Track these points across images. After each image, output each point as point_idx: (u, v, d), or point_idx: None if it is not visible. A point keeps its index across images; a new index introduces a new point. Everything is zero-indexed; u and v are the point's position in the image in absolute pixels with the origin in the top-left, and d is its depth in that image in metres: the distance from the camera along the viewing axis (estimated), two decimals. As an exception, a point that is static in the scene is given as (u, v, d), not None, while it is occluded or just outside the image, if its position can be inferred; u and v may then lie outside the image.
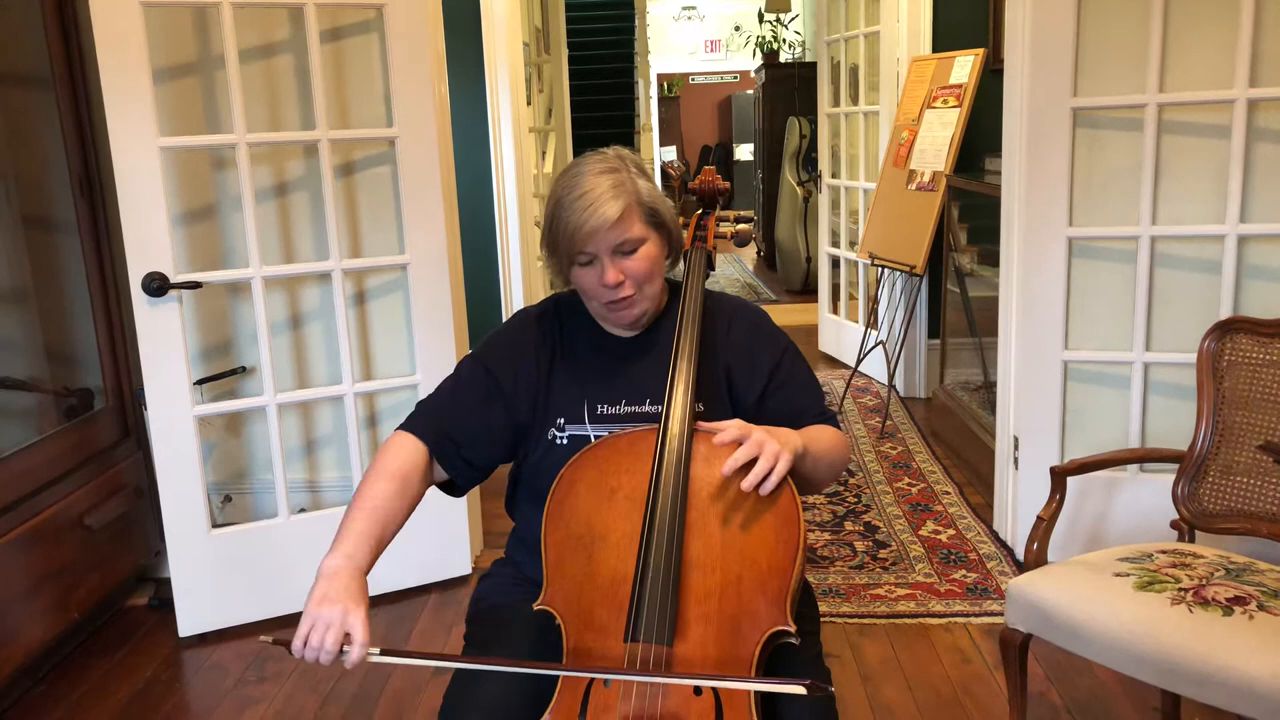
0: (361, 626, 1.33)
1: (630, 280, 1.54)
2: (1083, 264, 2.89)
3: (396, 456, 1.55)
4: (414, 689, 2.54)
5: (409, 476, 1.54)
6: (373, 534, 1.46)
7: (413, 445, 1.57)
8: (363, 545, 1.44)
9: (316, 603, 1.35)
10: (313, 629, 1.33)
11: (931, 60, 4.63)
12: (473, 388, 1.62)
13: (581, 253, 1.52)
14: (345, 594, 1.35)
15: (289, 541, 2.90)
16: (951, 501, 3.58)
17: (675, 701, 1.33)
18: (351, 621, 1.33)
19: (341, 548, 1.43)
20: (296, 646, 1.33)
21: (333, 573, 1.39)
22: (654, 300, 1.60)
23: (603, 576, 1.42)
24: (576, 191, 1.51)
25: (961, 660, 2.59)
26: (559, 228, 1.53)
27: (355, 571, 1.40)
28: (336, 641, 1.32)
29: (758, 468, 1.39)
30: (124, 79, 2.54)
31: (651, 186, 1.57)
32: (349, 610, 1.34)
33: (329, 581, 1.37)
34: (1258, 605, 1.80)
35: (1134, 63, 2.74)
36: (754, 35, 10.43)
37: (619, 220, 1.50)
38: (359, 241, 3.01)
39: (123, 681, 2.64)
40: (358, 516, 1.48)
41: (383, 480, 1.52)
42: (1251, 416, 2.14)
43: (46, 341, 3.02)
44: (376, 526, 1.47)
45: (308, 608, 1.35)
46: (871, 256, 4.67)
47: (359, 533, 1.46)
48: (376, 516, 1.48)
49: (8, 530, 2.49)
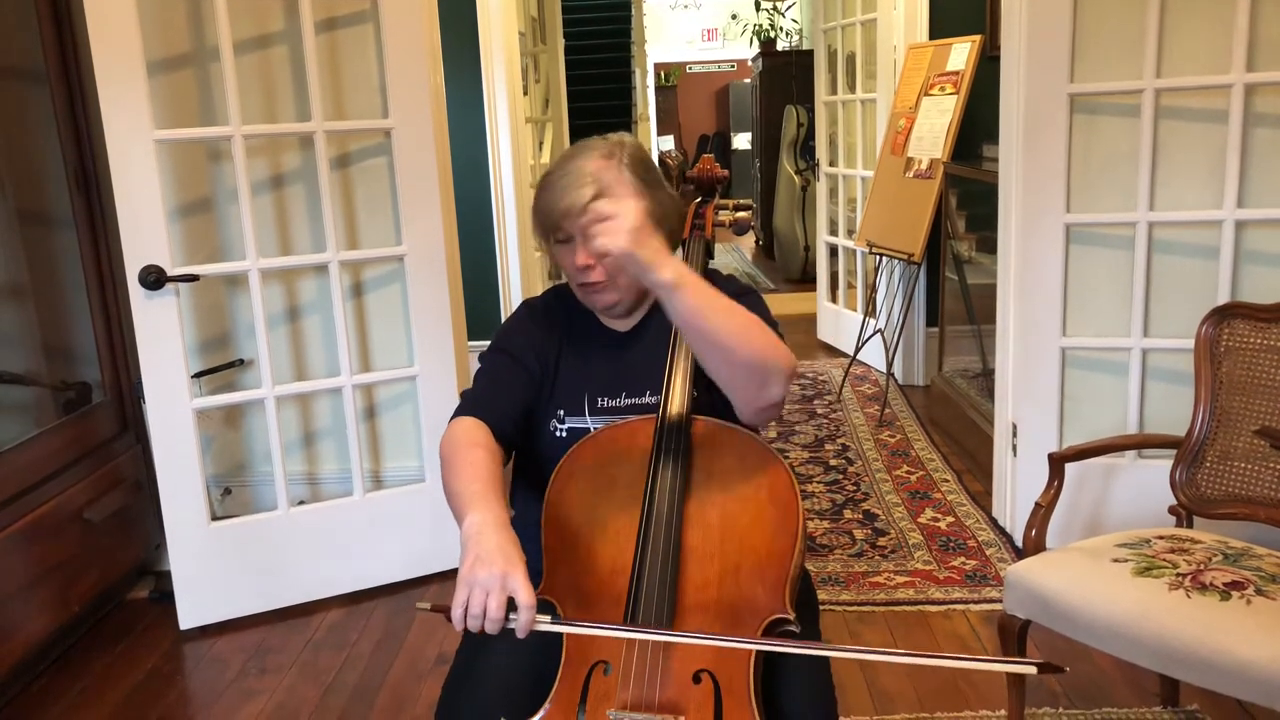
0: (524, 588, 1.23)
1: (601, 267, 1.54)
2: (1080, 250, 2.88)
3: (469, 432, 1.50)
4: (414, 679, 2.55)
5: (489, 444, 1.48)
6: (493, 489, 1.37)
7: (473, 422, 1.53)
8: (491, 499, 1.34)
9: (470, 567, 1.24)
10: (471, 595, 1.23)
11: (928, 47, 4.61)
12: (504, 369, 1.61)
13: (558, 229, 1.54)
14: (499, 553, 1.25)
15: (288, 534, 2.90)
16: (950, 489, 3.59)
17: (674, 689, 1.33)
18: (512, 584, 1.23)
19: (473, 509, 1.32)
20: (457, 615, 1.24)
21: (477, 532, 1.28)
22: (629, 293, 1.59)
23: (602, 566, 1.42)
24: (559, 171, 1.55)
25: (961, 647, 2.59)
26: (538, 204, 1.57)
27: (499, 525, 1.30)
28: (500, 606, 1.22)
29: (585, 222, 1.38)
30: (118, 71, 2.53)
31: (639, 180, 1.56)
32: (507, 573, 1.23)
33: (477, 542, 1.27)
34: (1255, 590, 1.80)
35: (1131, 48, 2.73)
36: (751, 24, 10.40)
37: (591, 202, 1.50)
38: (356, 233, 3.00)
39: (124, 674, 2.65)
40: (468, 482, 1.38)
41: (471, 449, 1.45)
42: (1249, 402, 2.14)
43: (44, 335, 3.02)
44: (492, 483, 1.39)
45: (461, 574, 1.25)
46: (869, 244, 4.66)
47: (479, 492, 1.35)
48: (484, 475, 1.39)
49: (7, 524, 2.49)
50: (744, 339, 1.41)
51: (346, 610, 2.93)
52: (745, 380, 1.43)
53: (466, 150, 4.69)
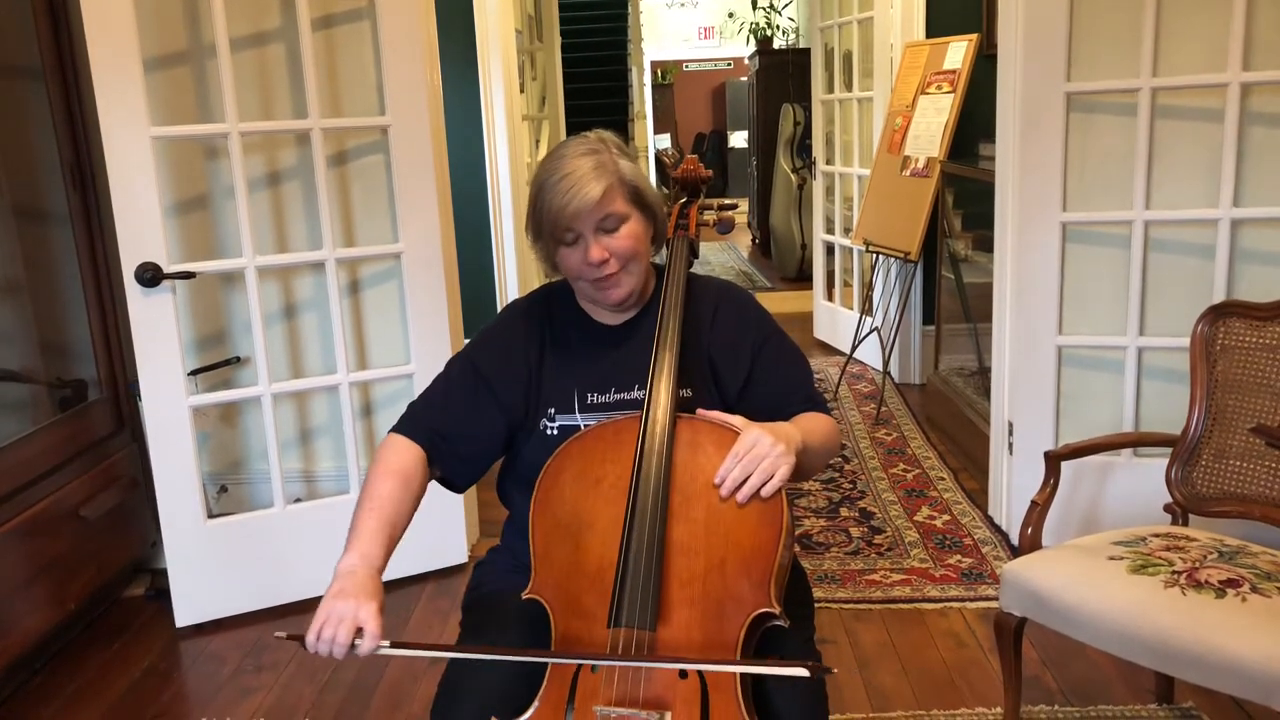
0: (373, 619, 1.36)
1: (615, 258, 1.55)
2: (1076, 249, 2.89)
3: (396, 456, 1.57)
4: (411, 678, 2.55)
5: (410, 474, 1.56)
6: (383, 531, 1.49)
7: (407, 445, 1.59)
8: (374, 543, 1.47)
9: (331, 598, 1.38)
10: (325, 623, 1.36)
11: (925, 46, 4.62)
12: (462, 386, 1.63)
13: (568, 230, 1.54)
14: (359, 589, 1.39)
15: (285, 531, 2.90)
16: (946, 487, 3.59)
17: (661, 685, 1.34)
18: (363, 615, 1.36)
19: (355, 547, 1.46)
20: (310, 640, 1.36)
21: (348, 571, 1.42)
22: (640, 278, 1.60)
23: (589, 564, 1.43)
24: (559, 174, 1.53)
25: (956, 644, 2.60)
26: (543, 210, 1.54)
27: (369, 569, 1.43)
28: (349, 634, 1.35)
29: (751, 482, 1.39)
30: (115, 68, 2.53)
31: (634, 166, 1.59)
32: (361, 604, 1.36)
33: (344, 579, 1.41)
34: (1250, 588, 1.81)
35: (1127, 47, 2.74)
36: (748, 22, 10.40)
37: (601, 199, 1.51)
38: (352, 231, 3.00)
39: (120, 672, 2.64)
40: (367, 516, 1.50)
41: (386, 479, 1.54)
42: (1244, 400, 2.15)
43: (40, 333, 3.01)
44: (386, 524, 1.50)
45: (322, 604, 1.38)
46: (866, 243, 4.67)
47: (370, 531, 1.48)
48: (385, 515, 1.50)
49: (3, 522, 2.48)
50: (831, 448, 1.61)
51: (343, 608, 2.92)
52: (818, 470, 1.65)
53: (463, 148, 4.68)
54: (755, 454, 1.40)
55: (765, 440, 1.41)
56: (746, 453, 1.40)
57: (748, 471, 1.39)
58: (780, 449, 1.41)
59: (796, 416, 1.59)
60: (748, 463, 1.40)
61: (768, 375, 1.64)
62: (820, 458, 1.59)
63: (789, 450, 1.42)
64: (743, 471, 1.39)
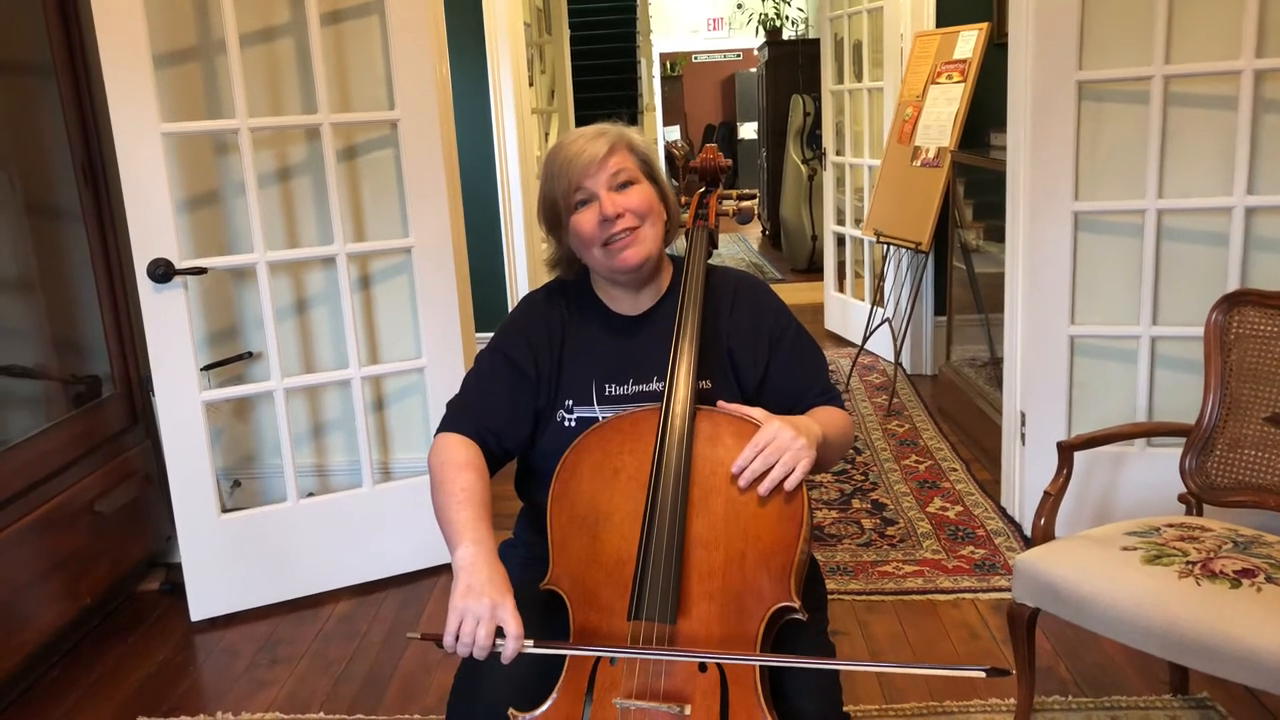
0: (512, 619, 1.32)
1: (630, 213, 1.55)
2: (1089, 238, 2.87)
3: (458, 451, 1.55)
4: (424, 670, 2.56)
5: (479, 466, 1.54)
6: (482, 516, 1.46)
7: (461, 441, 1.57)
8: (480, 528, 1.43)
9: (462, 595, 1.34)
10: (463, 623, 1.33)
11: (935, 35, 4.59)
12: (497, 378, 1.63)
13: (580, 189, 1.54)
14: (489, 585, 1.35)
15: (298, 525, 2.91)
16: (959, 478, 3.59)
17: (680, 678, 1.34)
18: (502, 615, 1.33)
19: (465, 535, 1.42)
20: (449, 641, 1.33)
21: (470, 563, 1.38)
22: (655, 243, 1.59)
23: (607, 556, 1.43)
24: (568, 138, 1.58)
25: (969, 636, 2.59)
26: (554, 177, 1.57)
27: (490, 557, 1.39)
28: (490, 635, 1.32)
29: (773, 474, 1.39)
30: (125, 65, 2.53)
31: (644, 141, 1.61)
32: (496, 603, 1.33)
33: (469, 573, 1.37)
34: (1266, 578, 1.80)
35: (1139, 34, 2.72)
36: (756, 12, 10.37)
37: (610, 153, 1.54)
38: (363, 225, 3.01)
39: (136, 666, 2.66)
40: (459, 509, 1.46)
41: (460, 472, 1.51)
42: (1259, 389, 2.14)
43: (53, 329, 3.03)
44: (481, 509, 1.47)
45: (453, 601, 1.34)
46: (877, 234, 4.65)
47: (470, 520, 1.44)
48: (476, 503, 1.47)
49: (19, 517, 2.50)
50: (846, 442, 1.63)
51: (356, 601, 2.94)
52: (833, 464, 1.64)
53: (473, 142, 4.69)
54: (776, 446, 1.40)
55: (786, 433, 1.41)
56: (767, 445, 1.40)
57: (768, 464, 1.39)
58: (801, 442, 1.41)
59: (813, 410, 1.59)
60: (768, 455, 1.40)
61: (786, 368, 1.64)
62: (836, 451, 1.59)
63: (810, 444, 1.42)
64: (763, 464, 1.39)
